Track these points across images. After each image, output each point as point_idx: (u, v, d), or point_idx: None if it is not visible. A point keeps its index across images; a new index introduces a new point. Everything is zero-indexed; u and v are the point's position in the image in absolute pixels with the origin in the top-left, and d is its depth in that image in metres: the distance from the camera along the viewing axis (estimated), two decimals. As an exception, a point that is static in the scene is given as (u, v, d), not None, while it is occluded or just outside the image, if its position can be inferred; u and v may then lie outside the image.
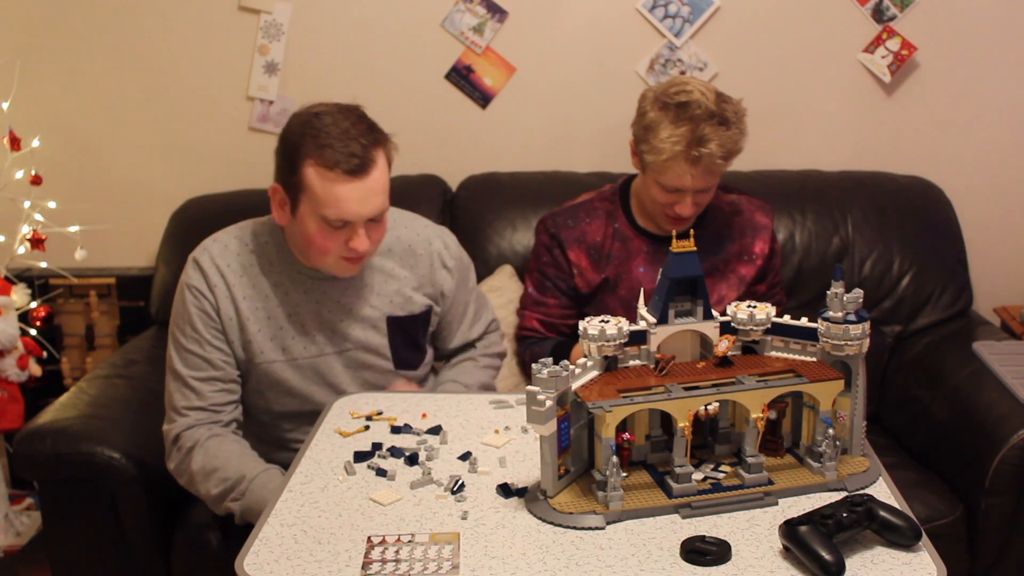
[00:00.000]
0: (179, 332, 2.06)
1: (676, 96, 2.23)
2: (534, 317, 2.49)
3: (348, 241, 1.97)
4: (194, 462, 1.99)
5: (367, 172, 1.93)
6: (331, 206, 1.93)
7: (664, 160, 2.21)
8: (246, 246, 2.09)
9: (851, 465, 1.60)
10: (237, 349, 2.07)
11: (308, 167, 1.93)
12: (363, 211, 1.95)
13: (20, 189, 2.87)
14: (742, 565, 1.39)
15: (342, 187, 1.92)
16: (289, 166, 1.96)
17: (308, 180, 1.93)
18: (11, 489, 3.00)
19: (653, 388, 1.54)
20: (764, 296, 2.47)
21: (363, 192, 1.93)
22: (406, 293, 2.17)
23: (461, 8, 2.97)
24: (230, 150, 3.09)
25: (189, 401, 2.03)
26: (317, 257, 2.02)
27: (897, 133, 3.04)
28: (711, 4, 2.95)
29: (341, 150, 1.91)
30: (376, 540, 1.47)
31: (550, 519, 1.50)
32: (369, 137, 1.95)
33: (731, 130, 2.22)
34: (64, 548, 2.29)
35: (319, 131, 1.92)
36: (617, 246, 2.41)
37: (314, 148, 1.92)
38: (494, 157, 3.04)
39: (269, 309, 2.07)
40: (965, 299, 2.86)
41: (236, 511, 1.94)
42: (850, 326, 1.55)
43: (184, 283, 2.07)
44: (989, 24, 2.94)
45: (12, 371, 2.81)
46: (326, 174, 1.91)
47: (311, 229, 1.97)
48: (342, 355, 2.13)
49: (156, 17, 2.99)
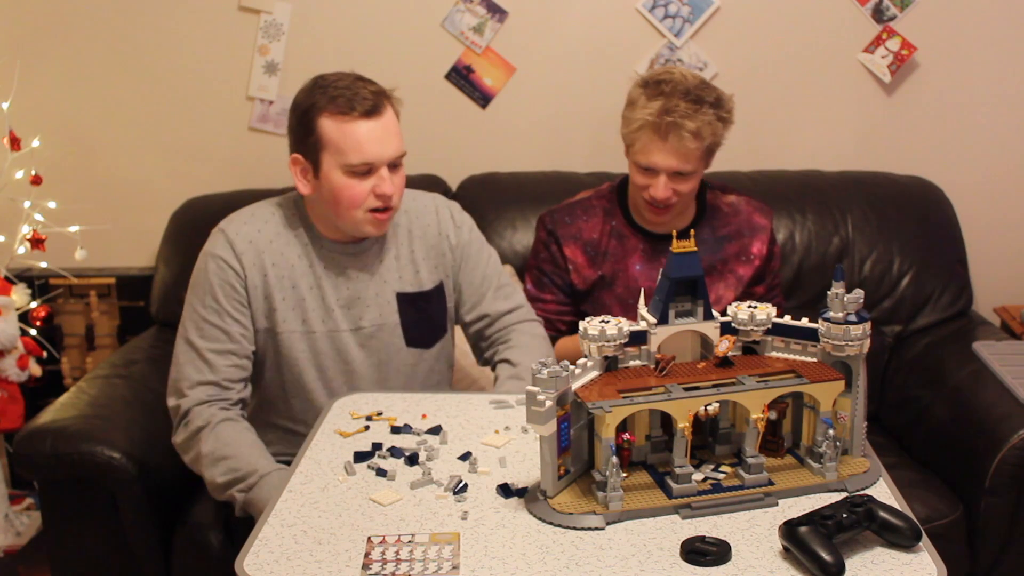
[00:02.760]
0: (198, 302, 2.06)
1: (657, 76, 2.27)
2: None
3: (375, 188, 2.02)
4: (204, 444, 1.98)
5: (381, 112, 2.02)
6: (353, 150, 1.99)
7: (634, 131, 2.24)
8: (273, 216, 2.13)
9: (851, 466, 1.60)
10: (260, 318, 2.08)
11: (324, 119, 2.00)
12: (384, 151, 2.01)
13: (20, 189, 2.87)
14: (742, 565, 1.39)
15: (360, 129, 1.99)
16: (304, 129, 2.03)
17: (326, 132, 2.00)
18: (11, 489, 3.00)
19: (653, 388, 1.53)
20: (763, 298, 2.47)
21: (381, 131, 2.01)
22: (417, 268, 2.19)
23: (461, 8, 2.97)
24: (230, 150, 3.09)
25: (202, 374, 2.02)
26: (347, 213, 2.04)
27: (897, 133, 3.04)
28: (711, 4, 2.95)
29: (352, 96, 2.00)
30: (376, 540, 1.47)
31: (550, 519, 1.50)
32: (375, 86, 2.05)
33: (705, 111, 2.20)
34: (64, 548, 2.29)
35: (327, 86, 2.03)
36: (614, 243, 2.41)
37: (326, 101, 2.01)
38: (494, 157, 3.04)
39: (294, 279, 2.09)
40: (965, 299, 2.86)
41: (239, 501, 1.93)
42: (851, 326, 1.55)
43: (208, 252, 2.07)
44: (989, 24, 2.95)
45: (12, 371, 2.81)
46: (343, 119, 1.99)
47: (337, 183, 2.01)
48: (356, 332, 2.14)
49: (156, 17, 2.99)
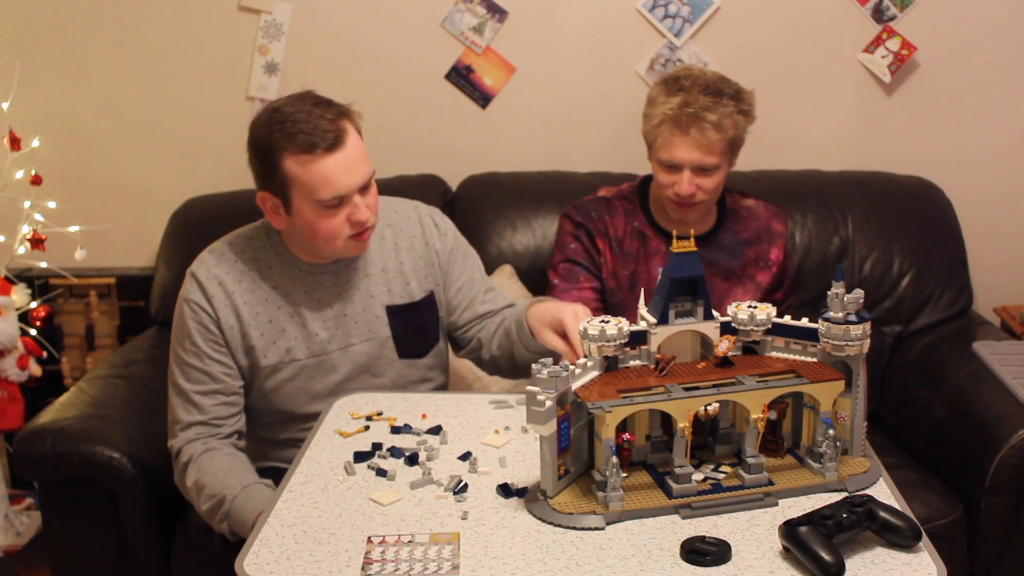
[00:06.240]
0: (179, 347, 2.06)
1: (676, 73, 2.28)
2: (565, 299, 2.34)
3: (350, 216, 1.99)
4: (188, 478, 1.99)
5: (343, 142, 1.95)
6: (322, 187, 1.94)
7: (655, 126, 2.23)
8: (242, 252, 2.09)
9: (851, 466, 1.60)
10: (240, 356, 2.07)
11: (287, 159, 1.94)
12: (353, 181, 1.96)
13: (20, 189, 2.87)
14: (742, 565, 1.39)
15: (325, 164, 1.93)
16: (267, 168, 1.97)
17: (292, 172, 1.94)
18: (11, 489, 3.00)
19: (653, 388, 1.53)
20: (782, 303, 2.46)
21: (347, 162, 1.95)
22: (406, 279, 2.17)
23: (461, 8, 2.97)
24: (230, 150, 3.06)
25: (191, 415, 2.03)
26: (326, 245, 2.02)
27: (897, 133, 3.03)
28: (711, 4, 2.94)
29: (311, 131, 1.92)
30: (376, 540, 1.47)
31: (550, 519, 1.50)
32: (332, 111, 1.97)
33: (725, 102, 2.20)
34: (64, 548, 2.29)
35: (283, 122, 1.94)
36: (636, 244, 2.39)
37: (285, 139, 1.93)
38: (494, 157, 3.04)
39: (270, 313, 2.07)
40: (965, 299, 2.86)
41: (226, 531, 1.93)
42: (851, 327, 1.55)
43: (183, 297, 2.07)
44: (989, 24, 2.94)
45: (12, 371, 2.81)
46: (306, 159, 1.93)
47: (311, 218, 1.97)
48: (346, 351, 2.12)
49: (156, 17, 2.99)
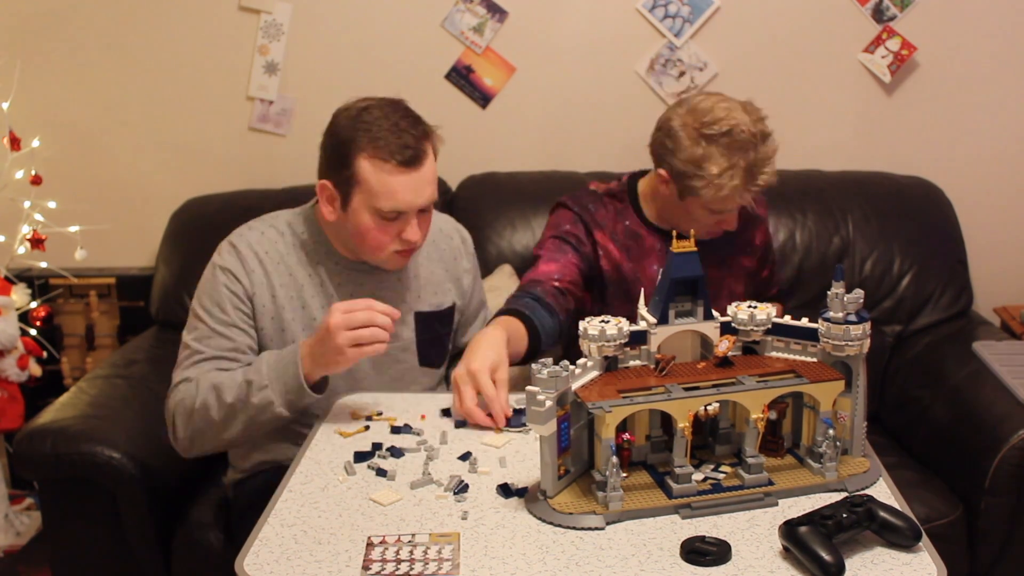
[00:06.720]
0: (204, 312, 2.02)
1: (714, 126, 2.16)
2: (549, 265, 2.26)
3: (401, 233, 2.00)
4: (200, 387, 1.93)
5: (420, 163, 1.97)
6: (386, 198, 1.95)
7: (725, 195, 2.20)
8: (283, 235, 2.10)
9: (851, 466, 1.60)
10: (271, 335, 2.05)
11: (362, 160, 1.95)
12: (417, 201, 1.98)
13: (20, 189, 2.87)
14: (742, 565, 1.39)
15: (397, 178, 1.95)
16: (340, 161, 1.98)
17: (363, 173, 1.96)
18: (11, 489, 3.00)
19: (653, 388, 1.53)
20: (767, 279, 2.49)
21: (417, 182, 1.97)
22: (435, 288, 2.19)
23: (461, 8, 2.97)
24: (230, 150, 3.09)
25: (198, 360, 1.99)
26: (371, 252, 2.03)
27: (897, 133, 3.04)
28: (711, 4, 2.95)
29: (394, 142, 1.94)
30: (376, 540, 1.47)
31: (550, 519, 1.50)
32: (418, 129, 1.99)
33: (773, 139, 2.23)
34: (64, 548, 2.29)
35: (371, 125, 1.96)
36: (630, 243, 2.40)
37: (367, 141, 1.95)
38: (494, 157, 3.04)
39: (304, 299, 2.08)
40: (965, 299, 2.86)
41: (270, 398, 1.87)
42: (851, 326, 1.55)
43: (217, 264, 2.05)
44: (989, 24, 2.95)
45: (12, 371, 2.81)
46: (381, 166, 1.94)
47: (365, 223, 1.99)
48: None
49: (156, 17, 3.00)
